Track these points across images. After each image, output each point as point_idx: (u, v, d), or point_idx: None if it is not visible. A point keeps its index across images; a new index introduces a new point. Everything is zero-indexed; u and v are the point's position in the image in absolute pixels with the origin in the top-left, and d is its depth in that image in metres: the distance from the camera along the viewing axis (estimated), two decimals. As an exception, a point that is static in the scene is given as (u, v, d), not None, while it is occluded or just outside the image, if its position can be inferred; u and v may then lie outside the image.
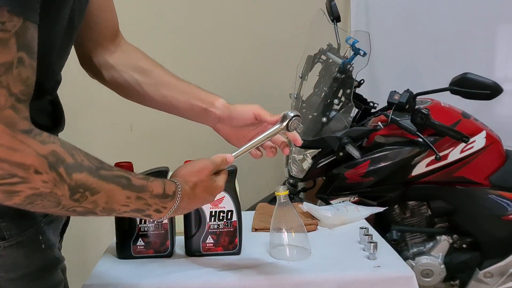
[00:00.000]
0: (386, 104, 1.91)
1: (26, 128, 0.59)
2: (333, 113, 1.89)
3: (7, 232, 0.69)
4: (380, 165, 1.86)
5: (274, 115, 0.94)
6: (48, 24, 0.66)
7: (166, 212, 0.78)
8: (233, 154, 0.91)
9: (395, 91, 1.87)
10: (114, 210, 0.70)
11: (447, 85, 1.78)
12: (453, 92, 1.77)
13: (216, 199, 0.93)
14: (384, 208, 1.56)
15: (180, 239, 1.18)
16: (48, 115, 0.75)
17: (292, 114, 0.91)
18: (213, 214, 1.13)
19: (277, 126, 0.92)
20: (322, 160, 1.93)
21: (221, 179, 0.89)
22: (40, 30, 0.61)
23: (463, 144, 1.86)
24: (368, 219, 1.45)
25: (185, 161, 1.10)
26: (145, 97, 0.99)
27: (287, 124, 0.91)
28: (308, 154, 1.94)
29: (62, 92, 0.82)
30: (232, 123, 0.97)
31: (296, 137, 0.97)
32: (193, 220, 1.13)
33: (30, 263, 0.72)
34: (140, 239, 1.13)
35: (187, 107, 0.98)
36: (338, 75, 1.88)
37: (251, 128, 0.98)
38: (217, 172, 0.89)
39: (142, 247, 1.13)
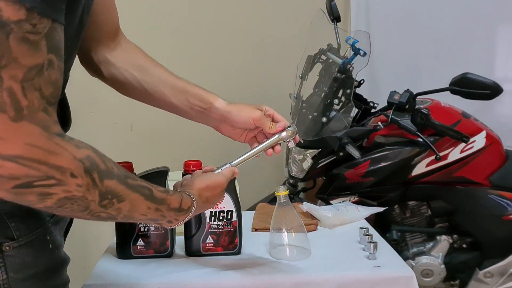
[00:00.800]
0: (386, 104, 1.91)
1: (59, 131, 0.60)
2: (333, 113, 1.89)
3: (16, 232, 0.69)
4: (380, 165, 1.86)
5: (273, 125, 0.99)
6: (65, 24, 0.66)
7: (176, 223, 0.82)
8: (233, 163, 0.97)
9: (395, 91, 1.87)
10: (133, 218, 0.73)
11: (447, 85, 1.78)
12: (453, 92, 1.77)
13: None
14: (384, 208, 1.56)
15: (180, 239, 1.18)
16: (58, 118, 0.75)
17: (291, 129, 1.00)
18: (213, 214, 1.13)
19: (276, 137, 0.99)
20: (322, 160, 1.93)
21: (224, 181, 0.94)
22: None
23: (463, 144, 1.86)
24: (368, 219, 1.45)
25: (185, 161, 1.10)
26: (145, 95, 0.99)
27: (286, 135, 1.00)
28: (308, 154, 1.94)
29: (62, 92, 0.82)
30: (232, 124, 0.99)
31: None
32: (193, 220, 1.13)
33: (39, 263, 0.72)
34: (140, 239, 1.13)
35: (186, 106, 0.98)
36: (338, 75, 1.87)
37: (252, 129, 1.01)
38: None
39: (142, 247, 1.13)
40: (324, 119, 1.88)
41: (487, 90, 1.72)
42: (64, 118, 0.78)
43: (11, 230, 0.69)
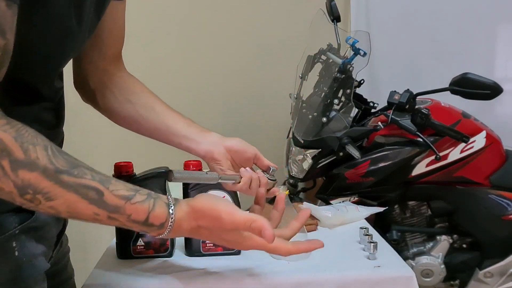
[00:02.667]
0: (386, 104, 1.90)
1: None
2: (333, 113, 1.89)
3: None
4: (380, 165, 1.86)
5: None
6: (40, 26, 0.64)
7: (155, 235, 0.69)
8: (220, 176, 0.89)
9: (395, 91, 1.87)
10: (84, 220, 0.63)
11: (447, 85, 1.78)
12: (453, 92, 1.77)
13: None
14: (384, 208, 1.56)
15: (180, 239, 1.18)
16: (42, 124, 0.69)
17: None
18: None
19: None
20: (322, 160, 1.93)
21: (255, 241, 0.76)
22: (32, 32, 0.59)
23: (463, 144, 1.86)
24: (368, 219, 1.45)
25: (185, 161, 1.10)
26: (137, 119, 0.96)
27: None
28: (308, 154, 1.94)
29: (62, 92, 0.82)
30: (234, 160, 0.97)
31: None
32: (193, 220, 1.13)
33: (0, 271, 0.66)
34: (140, 239, 1.13)
35: (182, 126, 0.96)
36: (338, 75, 1.87)
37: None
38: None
39: (142, 247, 1.13)
40: (324, 119, 1.87)
41: (487, 90, 1.72)
42: (50, 128, 0.75)
43: None
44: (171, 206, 0.69)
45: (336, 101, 1.89)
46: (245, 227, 0.71)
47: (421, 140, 1.80)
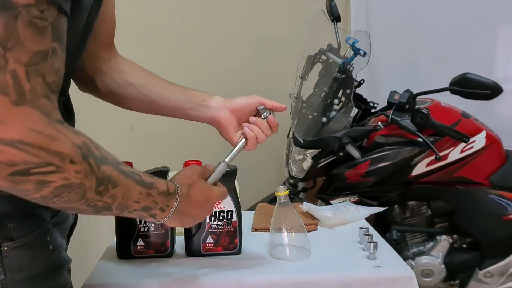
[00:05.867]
0: (386, 104, 1.91)
1: (60, 118, 0.59)
2: (333, 113, 1.89)
3: (15, 233, 0.68)
4: (380, 165, 1.86)
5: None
6: (69, 24, 0.66)
7: (168, 211, 0.78)
8: (226, 160, 0.94)
9: (395, 91, 1.87)
10: (128, 206, 0.71)
11: (447, 85, 1.78)
12: (453, 92, 1.77)
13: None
14: (384, 208, 1.56)
15: (180, 239, 1.18)
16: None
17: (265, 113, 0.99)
18: (213, 214, 1.13)
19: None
20: (322, 160, 1.93)
21: (218, 188, 0.90)
22: None
23: (463, 144, 1.86)
24: (368, 219, 1.45)
25: (185, 161, 1.10)
26: (141, 99, 0.98)
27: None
28: (308, 154, 1.94)
29: (62, 92, 0.82)
30: (235, 111, 0.98)
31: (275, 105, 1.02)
32: (193, 220, 1.13)
33: (37, 264, 0.71)
34: (140, 239, 1.13)
35: (185, 100, 0.98)
36: (338, 75, 1.87)
37: (248, 117, 1.01)
38: (214, 184, 0.92)
39: (142, 247, 1.13)
40: (324, 119, 1.87)
41: (487, 90, 1.72)
42: (68, 111, 0.78)
43: (9, 231, 0.68)
44: (173, 181, 0.83)
45: (336, 101, 1.89)
46: None
47: (421, 140, 1.80)
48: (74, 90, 0.98)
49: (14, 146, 0.53)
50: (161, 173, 1.05)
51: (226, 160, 0.94)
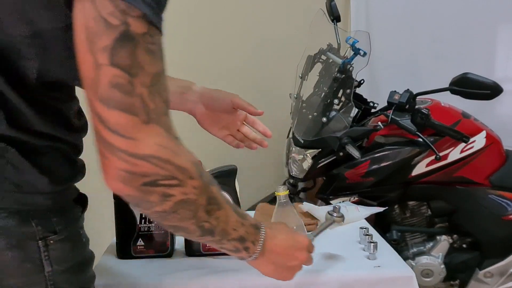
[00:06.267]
0: (386, 104, 1.90)
1: (176, 134, 0.63)
2: (333, 113, 1.89)
3: (58, 226, 0.71)
4: (380, 165, 1.86)
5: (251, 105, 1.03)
6: None
7: (257, 245, 0.77)
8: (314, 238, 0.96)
9: (395, 91, 1.87)
10: (228, 233, 0.72)
11: (447, 85, 1.78)
12: (453, 92, 1.77)
13: None
14: (384, 208, 1.55)
15: (180, 239, 1.18)
16: (79, 119, 0.78)
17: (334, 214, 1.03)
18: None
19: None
20: (322, 160, 1.93)
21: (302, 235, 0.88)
22: None
23: (463, 144, 1.86)
24: (368, 219, 1.45)
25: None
26: None
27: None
28: (308, 154, 1.94)
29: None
30: (208, 106, 1.03)
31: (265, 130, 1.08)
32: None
33: (74, 256, 0.75)
34: (140, 239, 1.13)
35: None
36: (338, 75, 1.87)
37: (226, 115, 1.05)
38: None
39: (142, 247, 1.13)
40: (324, 119, 1.87)
41: (487, 90, 1.72)
42: (85, 122, 0.80)
43: (53, 224, 0.71)
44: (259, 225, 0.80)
45: (336, 101, 1.89)
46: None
47: (421, 140, 1.80)
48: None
49: (147, 160, 0.59)
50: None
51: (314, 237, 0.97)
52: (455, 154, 1.87)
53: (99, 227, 2.12)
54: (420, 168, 1.87)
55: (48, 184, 0.69)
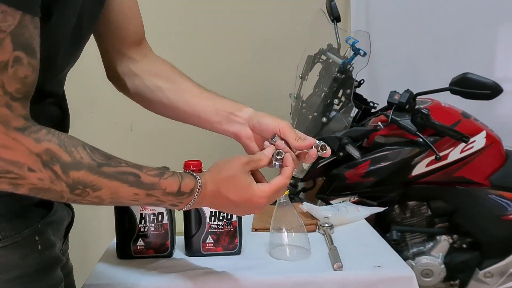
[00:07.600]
0: (386, 104, 1.91)
1: (20, 125, 0.60)
2: (333, 113, 1.89)
3: (2, 233, 0.68)
4: (380, 165, 1.86)
5: (299, 139, 0.95)
6: (52, 26, 0.66)
7: (183, 206, 0.77)
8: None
9: (395, 91, 1.87)
10: (123, 203, 0.71)
11: (447, 85, 1.78)
12: (453, 92, 1.77)
13: None
14: (384, 208, 1.56)
15: (180, 239, 1.18)
16: (49, 119, 0.73)
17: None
18: (213, 214, 1.13)
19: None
20: (322, 160, 1.93)
21: (265, 188, 0.84)
22: (43, 31, 0.61)
23: (463, 144, 1.86)
24: (368, 219, 1.45)
25: (185, 162, 1.10)
26: (167, 105, 0.95)
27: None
28: (308, 154, 1.93)
29: (62, 92, 0.82)
30: (256, 128, 0.93)
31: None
32: (193, 220, 1.13)
33: (26, 264, 0.71)
34: (140, 239, 1.13)
35: (211, 112, 0.94)
36: (338, 75, 1.88)
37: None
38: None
39: (142, 247, 1.13)
40: (324, 119, 1.88)
41: (487, 90, 1.72)
42: (60, 123, 0.77)
43: None
44: (195, 175, 0.78)
45: (336, 101, 1.89)
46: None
47: (421, 140, 1.80)
48: (74, 91, 0.98)
49: None
50: None
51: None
52: (455, 154, 1.87)
53: (99, 228, 2.13)
54: (420, 168, 1.87)
55: None
